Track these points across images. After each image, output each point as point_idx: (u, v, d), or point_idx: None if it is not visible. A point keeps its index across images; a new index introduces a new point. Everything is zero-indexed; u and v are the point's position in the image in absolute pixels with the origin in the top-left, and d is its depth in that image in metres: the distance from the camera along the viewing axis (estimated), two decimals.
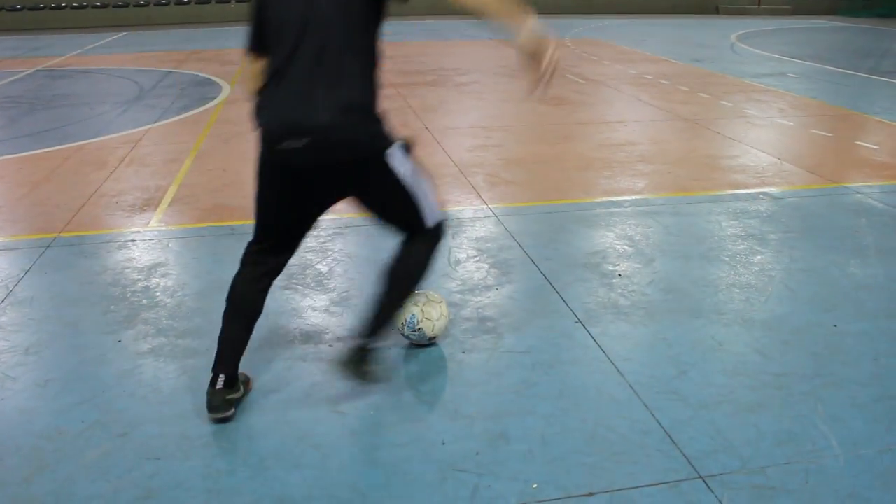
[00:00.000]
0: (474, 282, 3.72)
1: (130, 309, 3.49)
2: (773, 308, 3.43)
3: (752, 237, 4.30)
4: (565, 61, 11.73)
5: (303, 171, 2.41)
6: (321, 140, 2.28)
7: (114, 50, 14.54)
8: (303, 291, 3.65)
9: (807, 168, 5.71)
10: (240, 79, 2.64)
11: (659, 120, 7.46)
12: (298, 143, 2.28)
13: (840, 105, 8.24)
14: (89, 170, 5.84)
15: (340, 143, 2.31)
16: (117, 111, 8.27)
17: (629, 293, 3.59)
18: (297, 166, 2.39)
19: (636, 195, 5.09)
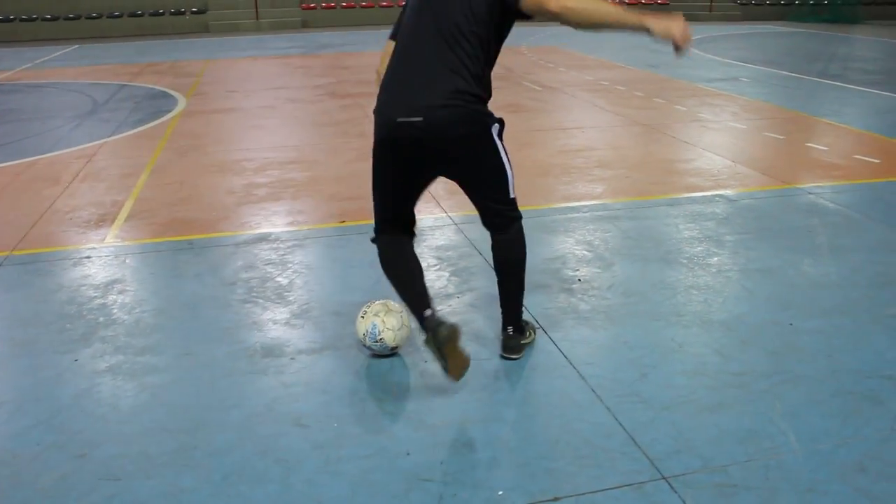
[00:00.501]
0: (435, 290, 3.72)
1: (87, 327, 3.42)
2: (731, 308, 3.49)
3: (709, 239, 4.37)
4: (522, 68, 11.82)
5: (416, 145, 2.69)
6: (432, 118, 2.62)
7: (66, 63, 14.29)
8: (263, 304, 3.62)
9: (760, 170, 5.82)
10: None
11: (616, 125, 7.55)
12: (415, 119, 2.62)
13: (791, 108, 8.41)
14: (42, 186, 5.73)
15: (450, 120, 2.64)
16: (70, 125, 8.12)
17: (589, 298, 3.62)
18: (412, 140, 2.67)
19: (595, 200, 5.14)
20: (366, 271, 3.95)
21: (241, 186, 5.58)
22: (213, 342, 3.25)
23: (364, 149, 6.67)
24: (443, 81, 2.63)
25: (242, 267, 4.07)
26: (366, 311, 3.09)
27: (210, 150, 6.76)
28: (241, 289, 3.80)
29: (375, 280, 3.85)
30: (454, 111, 2.64)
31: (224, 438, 2.57)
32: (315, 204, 5.13)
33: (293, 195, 5.33)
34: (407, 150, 2.72)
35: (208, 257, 4.23)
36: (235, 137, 7.32)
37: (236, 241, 4.48)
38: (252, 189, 5.48)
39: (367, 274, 3.92)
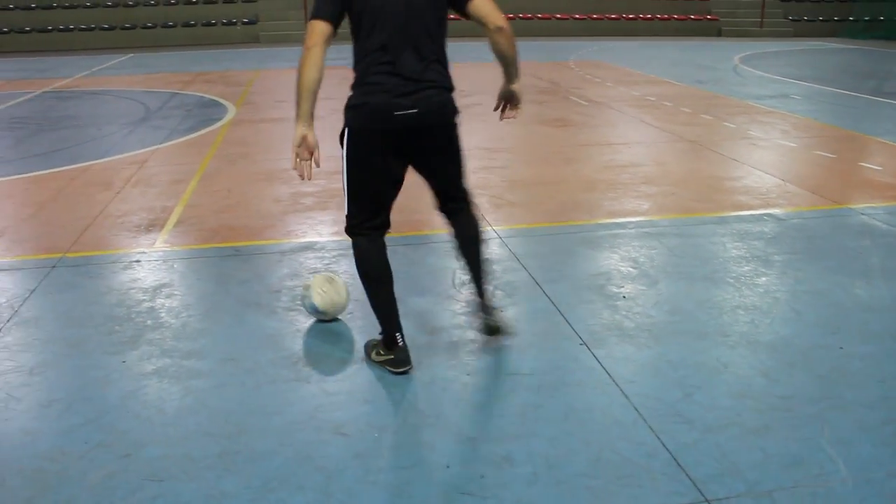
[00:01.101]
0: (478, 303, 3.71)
1: (135, 329, 3.49)
2: (779, 330, 3.42)
3: (757, 259, 4.30)
4: (569, 83, 11.79)
5: (408, 135, 2.91)
6: (426, 108, 2.86)
7: (121, 71, 14.65)
8: (307, 313, 3.65)
9: (811, 189, 5.71)
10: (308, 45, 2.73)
11: (662, 142, 7.48)
12: (412, 111, 2.83)
13: (843, 126, 8.26)
14: (95, 190, 5.87)
15: (440, 110, 2.92)
16: (124, 132, 8.32)
17: (634, 315, 3.59)
18: (405, 129, 2.88)
19: (640, 217, 5.09)
20: (410, 282, 3.97)
21: (287, 195, 5.65)
22: (258, 348, 3.29)
23: None
24: (431, 73, 2.86)
25: (288, 275, 4.12)
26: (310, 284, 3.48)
27: (258, 159, 6.87)
28: (285, 296, 3.84)
29: (418, 291, 3.87)
30: (442, 100, 2.91)
31: (266, 444, 2.60)
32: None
33: (339, 204, 5.38)
34: (396, 141, 2.90)
35: (254, 264, 4.29)
36: (283, 146, 7.41)
37: (282, 248, 4.54)
38: (299, 198, 5.55)
39: (412, 285, 3.94)
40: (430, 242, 4.58)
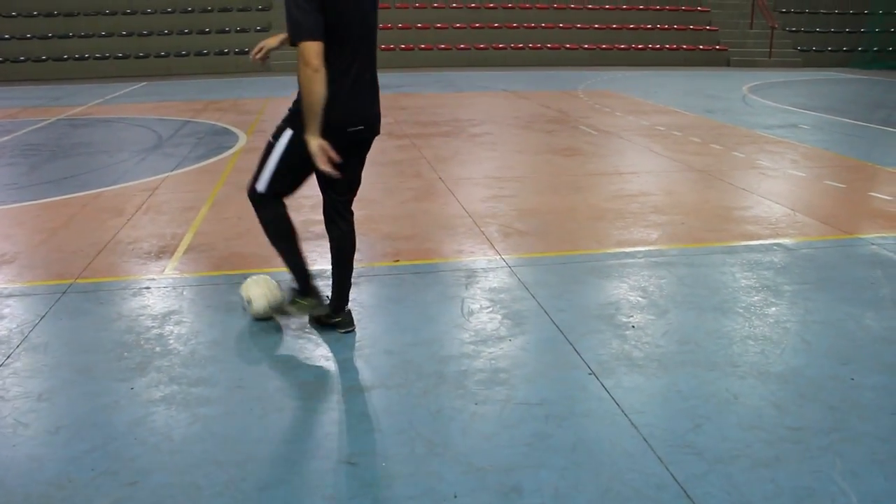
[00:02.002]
0: (487, 333, 3.72)
1: (144, 356, 3.50)
2: (789, 360, 3.40)
3: (767, 289, 4.28)
4: (578, 113, 11.84)
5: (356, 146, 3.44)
6: (375, 124, 3.45)
7: (134, 99, 14.81)
8: (316, 340, 3.65)
9: (820, 219, 5.70)
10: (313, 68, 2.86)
11: (672, 171, 7.49)
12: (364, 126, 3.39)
13: (853, 156, 8.25)
14: (106, 217, 5.91)
15: (378, 124, 3.48)
16: (136, 159, 8.40)
17: (643, 345, 3.57)
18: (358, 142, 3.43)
19: (649, 246, 5.09)
20: (418, 310, 3.97)
21: (297, 223, 5.64)
22: (266, 376, 3.29)
23: (422, 189, 6.74)
24: (377, 92, 3.42)
25: None
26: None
27: None
28: (294, 324, 3.84)
29: (427, 319, 3.86)
30: (378, 117, 3.46)
31: (273, 473, 2.59)
32: (370, 242, 5.19)
33: None
34: (348, 149, 3.36)
35: None
36: None
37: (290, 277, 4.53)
38: (308, 226, 5.57)
39: (420, 313, 3.94)
40: (439, 271, 4.58)
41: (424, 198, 6.35)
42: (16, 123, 11.46)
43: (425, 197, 6.39)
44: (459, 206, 6.06)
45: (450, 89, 15.33)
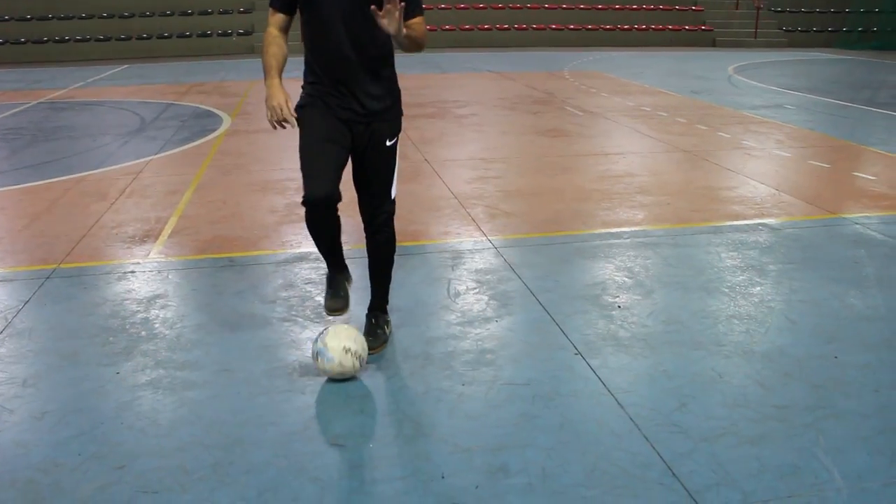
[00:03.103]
0: (474, 314, 3.72)
1: (129, 340, 3.48)
2: (774, 339, 3.43)
3: (752, 268, 4.31)
4: (564, 93, 11.82)
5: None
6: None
7: (116, 82, 14.66)
8: (302, 323, 3.64)
9: (805, 199, 5.73)
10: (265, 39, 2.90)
11: (657, 152, 7.50)
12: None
13: (838, 136, 8.29)
14: (90, 201, 5.86)
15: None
16: (119, 143, 8.32)
17: (629, 325, 3.58)
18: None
19: (635, 227, 5.10)
20: (405, 291, 3.97)
21: (282, 205, 5.65)
22: (252, 359, 3.28)
23: (407, 170, 6.71)
24: None
25: (282, 285, 4.11)
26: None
27: (253, 169, 6.86)
28: (280, 307, 3.83)
29: (414, 301, 3.86)
30: None
31: (260, 456, 2.59)
32: (355, 224, 5.13)
33: None
34: None
35: (249, 275, 4.28)
36: (278, 157, 7.42)
37: (277, 259, 4.53)
38: (293, 208, 5.54)
39: (407, 295, 3.94)
40: (425, 252, 4.58)
41: (410, 179, 6.32)
42: None
43: (411, 178, 6.37)
44: (445, 188, 6.05)
45: (435, 70, 15.25)
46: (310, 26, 3.13)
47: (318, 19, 3.07)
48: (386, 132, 3.20)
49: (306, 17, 3.12)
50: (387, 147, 3.22)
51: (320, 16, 3.05)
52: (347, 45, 3.04)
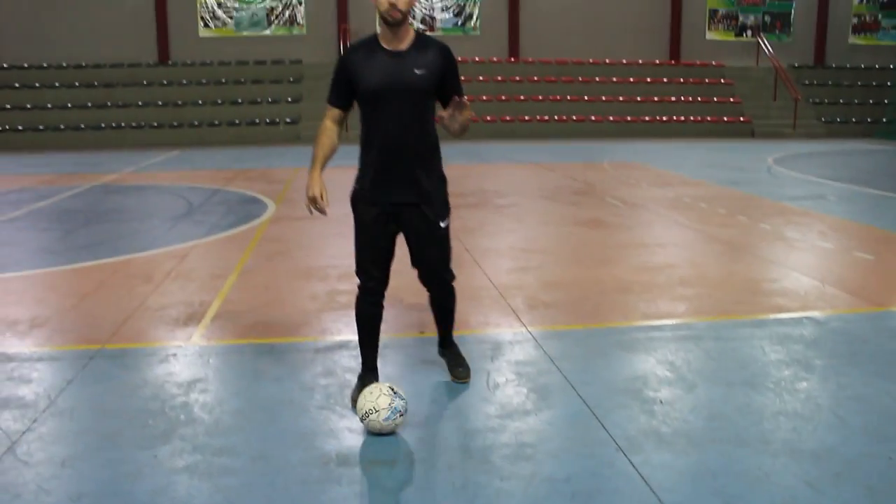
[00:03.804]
0: (513, 406, 3.68)
1: (168, 424, 3.49)
2: (823, 438, 3.32)
3: (797, 363, 4.21)
4: (604, 184, 11.91)
5: None
6: None
7: (167, 167, 15.16)
8: (340, 412, 3.63)
9: (851, 292, 5.63)
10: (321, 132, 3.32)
11: (698, 243, 7.48)
12: None
13: (882, 227, 8.19)
14: (136, 283, 5.99)
15: None
16: (166, 226, 8.55)
17: (671, 420, 3.51)
18: None
19: (677, 319, 5.04)
20: (444, 383, 3.95)
21: (324, 293, 5.71)
22: (289, 447, 3.27)
23: None
24: None
25: (321, 373, 4.12)
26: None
27: (296, 256, 6.98)
28: (319, 395, 3.83)
29: (452, 392, 3.84)
30: None
31: None
32: (395, 313, 5.19)
33: None
34: None
35: (289, 361, 4.30)
36: (320, 244, 7.55)
37: (317, 346, 4.56)
38: (335, 296, 5.60)
39: (446, 386, 3.92)
40: (465, 343, 4.57)
41: None
42: (53, 189, 11.76)
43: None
44: (485, 278, 6.07)
45: (476, 160, 15.51)
46: (367, 119, 3.48)
47: (376, 114, 3.43)
48: (438, 215, 3.56)
49: (364, 111, 3.48)
50: (441, 228, 3.58)
51: (377, 111, 3.43)
52: (401, 137, 3.43)
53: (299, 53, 24.00)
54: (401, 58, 3.42)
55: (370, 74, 3.40)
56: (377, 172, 3.48)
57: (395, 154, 3.45)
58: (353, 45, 3.55)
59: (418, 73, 3.40)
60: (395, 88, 3.39)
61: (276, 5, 24.17)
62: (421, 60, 3.42)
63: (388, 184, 3.47)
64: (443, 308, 3.88)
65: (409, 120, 3.42)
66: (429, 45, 3.49)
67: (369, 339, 3.74)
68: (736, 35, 26.59)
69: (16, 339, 4.72)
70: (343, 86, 3.49)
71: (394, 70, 3.39)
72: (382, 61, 3.41)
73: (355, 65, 3.44)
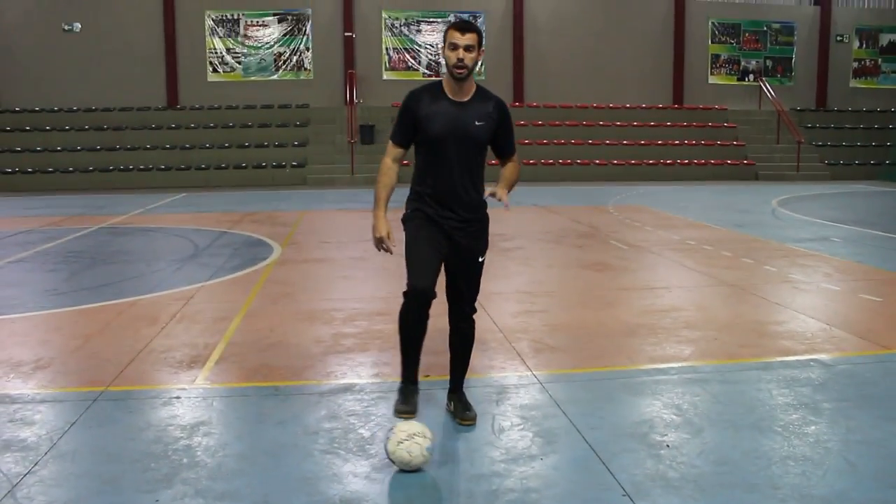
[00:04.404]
0: (518, 451, 3.64)
1: (171, 467, 3.47)
2: (833, 483, 3.28)
3: (805, 406, 4.18)
4: (609, 227, 11.94)
5: None
6: None
7: (174, 209, 15.26)
8: (344, 456, 3.60)
9: (858, 334, 5.60)
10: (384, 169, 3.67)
11: (703, 286, 7.46)
12: None
13: (888, 269, 8.17)
14: (141, 325, 5.99)
15: None
16: (172, 268, 8.57)
17: (678, 465, 3.47)
18: None
19: (683, 362, 5.01)
20: (449, 427, 3.92)
21: (329, 335, 5.70)
22: (292, 492, 3.24)
23: None
24: None
25: (326, 416, 4.10)
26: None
27: (301, 298, 6.98)
28: (323, 438, 3.81)
29: (458, 437, 3.81)
30: None
31: None
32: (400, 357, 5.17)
33: (380, 346, 5.39)
34: None
35: (293, 405, 4.28)
36: (326, 287, 7.56)
37: (321, 389, 4.54)
38: (340, 339, 5.59)
39: (451, 430, 3.89)
40: (469, 387, 4.54)
41: None
42: (60, 231, 11.83)
43: None
44: (490, 321, 6.05)
45: None
46: (426, 159, 3.79)
47: (435, 157, 3.75)
48: (478, 250, 3.87)
49: (423, 152, 3.78)
50: (479, 262, 3.89)
51: (437, 155, 3.74)
52: (455, 180, 3.74)
53: (306, 98, 24.30)
54: (463, 108, 3.74)
55: (435, 120, 3.71)
56: (431, 205, 3.76)
57: (450, 195, 3.75)
58: (419, 90, 3.82)
59: (478, 125, 3.74)
60: (457, 136, 3.70)
61: (284, 51, 24.54)
62: (481, 112, 3.76)
63: (441, 215, 3.76)
64: (464, 345, 4.00)
65: (464, 165, 3.75)
66: (488, 99, 3.82)
67: (414, 350, 3.80)
68: (738, 79, 26.86)
69: (19, 380, 4.71)
70: (408, 127, 3.77)
71: (456, 119, 3.71)
72: (447, 109, 3.72)
73: (422, 109, 3.73)
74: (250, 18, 24.34)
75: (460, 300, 3.93)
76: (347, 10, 24.37)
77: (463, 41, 3.64)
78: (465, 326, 3.98)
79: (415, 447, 3.32)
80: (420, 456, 3.34)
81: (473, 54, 3.66)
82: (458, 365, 4.05)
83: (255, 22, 24.36)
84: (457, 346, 4.02)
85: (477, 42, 3.68)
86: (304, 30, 24.49)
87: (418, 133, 3.76)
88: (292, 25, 24.45)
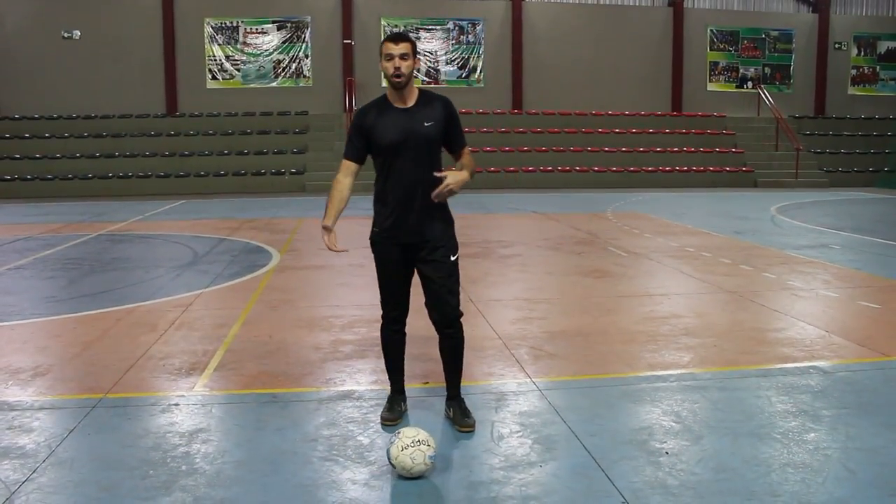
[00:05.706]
0: (517, 458, 3.64)
1: (169, 475, 3.46)
2: (833, 490, 3.27)
3: (805, 413, 4.17)
4: (607, 234, 11.95)
5: None
6: None
7: (173, 216, 15.26)
8: (343, 463, 3.60)
9: (857, 341, 5.60)
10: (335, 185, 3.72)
11: (702, 293, 7.47)
12: None
13: (887, 276, 8.18)
14: (140, 332, 5.99)
15: None
16: (171, 275, 8.57)
17: (677, 472, 3.46)
18: None
19: (682, 369, 5.01)
20: (448, 434, 3.91)
21: (327, 342, 5.70)
22: (291, 499, 3.23)
23: None
24: None
25: (324, 423, 4.09)
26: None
27: (300, 305, 6.98)
28: (321, 446, 3.80)
29: (456, 444, 3.80)
30: None
31: None
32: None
33: (378, 353, 5.33)
34: None
35: (291, 412, 4.28)
36: (325, 294, 7.55)
37: (320, 396, 4.53)
38: (338, 346, 5.58)
39: (450, 437, 3.88)
40: (469, 394, 4.54)
41: None
42: (59, 238, 11.82)
43: None
44: (489, 328, 6.05)
45: (480, 211, 15.59)
46: (384, 169, 3.91)
47: (393, 163, 3.86)
48: (448, 251, 3.93)
49: (381, 163, 3.90)
50: (451, 261, 3.94)
51: (395, 161, 3.85)
52: (416, 183, 3.84)
53: (305, 105, 24.35)
54: (410, 113, 3.88)
55: (386, 129, 3.85)
56: (395, 216, 3.88)
57: (410, 197, 3.85)
58: (366, 106, 3.96)
59: (427, 125, 3.87)
60: (409, 139, 3.83)
61: (283, 58, 24.59)
62: (428, 114, 3.89)
63: (406, 225, 3.87)
64: (453, 350, 4.04)
65: (422, 166, 3.85)
66: (432, 100, 3.96)
67: (394, 364, 4.17)
68: (737, 86, 26.94)
69: (18, 387, 4.70)
70: (360, 142, 3.93)
71: (406, 123, 3.85)
72: (395, 117, 3.87)
73: (370, 122, 3.88)
74: (249, 26, 24.40)
75: (443, 305, 3.94)
76: (346, 18, 24.45)
77: (398, 50, 3.80)
78: (452, 332, 4.01)
79: (418, 454, 3.33)
80: (422, 464, 3.34)
81: (409, 62, 3.82)
82: (452, 371, 4.10)
83: (255, 29, 24.42)
84: (447, 353, 4.07)
85: (411, 50, 3.83)
86: (303, 37, 24.55)
87: (373, 146, 3.90)
88: (291, 33, 24.52)
